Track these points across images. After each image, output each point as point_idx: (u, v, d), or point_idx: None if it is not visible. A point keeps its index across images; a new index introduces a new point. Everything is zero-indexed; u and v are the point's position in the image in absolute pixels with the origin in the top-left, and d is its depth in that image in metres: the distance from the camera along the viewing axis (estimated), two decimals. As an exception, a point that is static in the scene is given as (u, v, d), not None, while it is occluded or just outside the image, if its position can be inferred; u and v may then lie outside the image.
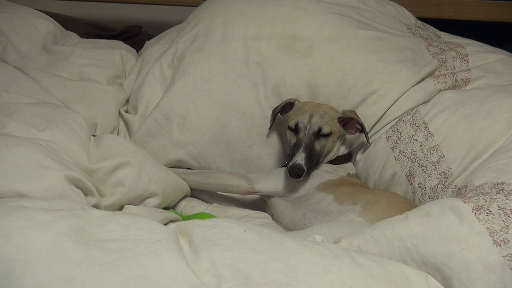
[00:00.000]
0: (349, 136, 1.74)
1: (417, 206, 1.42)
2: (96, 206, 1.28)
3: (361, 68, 1.73)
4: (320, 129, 1.60)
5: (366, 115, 1.72)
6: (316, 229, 1.39)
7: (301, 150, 1.55)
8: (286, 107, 1.73)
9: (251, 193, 1.66)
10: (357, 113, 1.69)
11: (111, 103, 1.85)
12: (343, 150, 1.75)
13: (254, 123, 1.79)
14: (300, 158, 1.53)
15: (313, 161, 1.59)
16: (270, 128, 1.78)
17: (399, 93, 1.70)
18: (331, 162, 1.71)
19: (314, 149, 1.59)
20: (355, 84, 1.73)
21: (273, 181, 1.64)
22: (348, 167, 1.75)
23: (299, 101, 1.72)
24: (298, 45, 1.78)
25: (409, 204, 1.48)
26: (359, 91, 1.73)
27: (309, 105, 1.68)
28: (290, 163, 1.54)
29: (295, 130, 1.62)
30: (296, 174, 1.52)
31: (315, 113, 1.62)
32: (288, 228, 1.58)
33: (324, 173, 1.65)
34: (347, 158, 1.77)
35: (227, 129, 1.79)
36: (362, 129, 1.66)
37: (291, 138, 1.64)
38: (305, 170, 1.52)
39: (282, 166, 1.75)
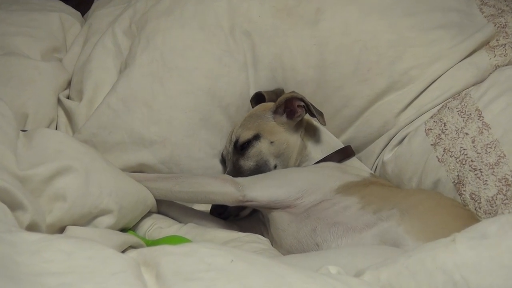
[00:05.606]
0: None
1: (475, 216, 1.44)
2: (32, 224, 1.27)
3: (387, 39, 1.74)
4: (237, 141, 1.70)
5: (394, 103, 1.73)
6: (333, 255, 1.37)
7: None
8: None
9: (242, 202, 1.62)
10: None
11: (47, 86, 1.85)
12: (311, 147, 1.76)
13: (242, 116, 1.80)
14: None
15: None
16: None
17: (439, 72, 1.72)
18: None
19: (242, 169, 1.70)
20: (379, 61, 1.74)
21: (272, 186, 1.61)
22: (362, 167, 1.76)
23: None
24: (302, 9, 1.79)
25: (467, 211, 1.50)
26: (383, 71, 1.74)
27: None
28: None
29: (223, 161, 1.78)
30: (217, 213, 1.68)
31: (236, 126, 1.73)
32: (290, 253, 1.57)
33: (342, 174, 1.64)
34: (342, 153, 1.77)
35: (207, 123, 1.79)
36: (306, 106, 1.66)
37: None
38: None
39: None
